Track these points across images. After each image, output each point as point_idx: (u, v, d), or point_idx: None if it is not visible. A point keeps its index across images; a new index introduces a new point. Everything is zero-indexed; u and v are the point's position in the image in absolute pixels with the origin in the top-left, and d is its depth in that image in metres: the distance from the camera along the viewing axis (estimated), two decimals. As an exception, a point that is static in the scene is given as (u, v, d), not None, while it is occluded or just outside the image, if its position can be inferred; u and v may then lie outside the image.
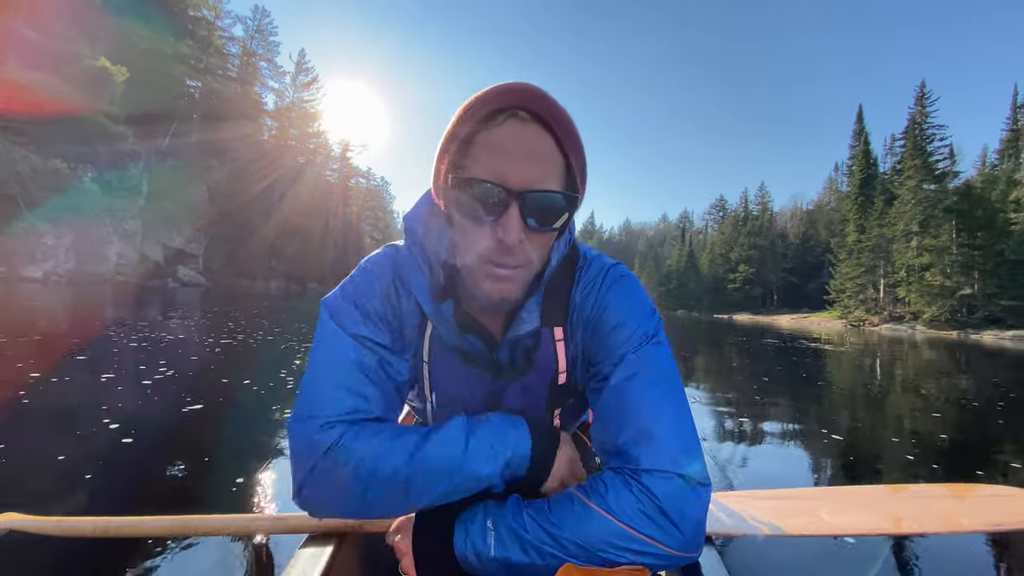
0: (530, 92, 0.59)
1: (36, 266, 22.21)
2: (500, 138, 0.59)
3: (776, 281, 66.16)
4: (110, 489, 2.05)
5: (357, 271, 0.75)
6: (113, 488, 2.06)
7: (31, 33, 19.54)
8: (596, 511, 0.59)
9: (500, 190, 0.59)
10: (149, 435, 2.67)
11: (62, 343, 5.59)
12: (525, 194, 0.59)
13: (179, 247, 37.33)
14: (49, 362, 4.36)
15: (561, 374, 0.76)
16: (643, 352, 0.68)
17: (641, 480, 0.60)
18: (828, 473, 2.78)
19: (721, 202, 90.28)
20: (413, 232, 0.71)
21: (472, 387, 0.75)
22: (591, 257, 0.78)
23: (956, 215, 35.51)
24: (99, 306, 11.79)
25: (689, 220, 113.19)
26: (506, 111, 0.60)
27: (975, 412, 4.79)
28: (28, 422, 2.79)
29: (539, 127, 0.60)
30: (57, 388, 3.56)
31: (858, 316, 41.81)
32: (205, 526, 0.97)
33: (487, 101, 0.59)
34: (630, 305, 0.72)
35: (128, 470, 2.26)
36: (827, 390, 6.08)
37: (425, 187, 0.73)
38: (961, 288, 34.09)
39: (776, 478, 2.59)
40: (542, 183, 0.60)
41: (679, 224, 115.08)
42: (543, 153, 0.60)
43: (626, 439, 0.63)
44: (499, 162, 0.59)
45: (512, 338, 0.70)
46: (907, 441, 3.58)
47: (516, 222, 0.59)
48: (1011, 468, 3.01)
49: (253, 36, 50.78)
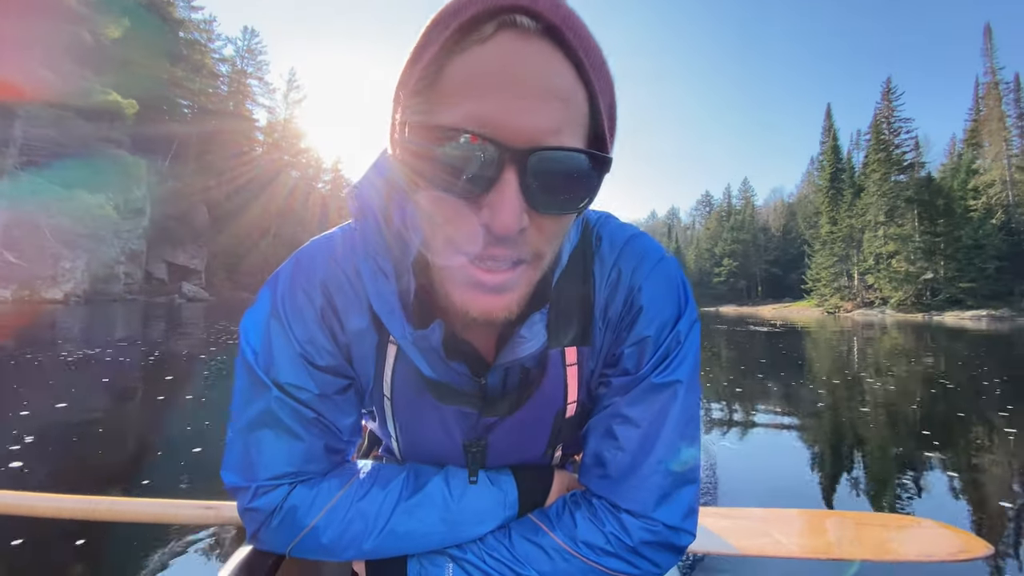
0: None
1: (57, 288, 23.57)
2: (487, 62, 0.37)
3: (759, 273, 68.66)
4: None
5: (282, 277, 0.56)
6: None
7: (48, 73, 21.15)
8: (564, 549, 0.53)
9: (489, 147, 0.36)
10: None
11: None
12: (529, 153, 0.37)
13: (182, 264, 38.82)
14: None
15: (570, 405, 0.59)
16: (665, 378, 0.55)
17: (620, 519, 0.54)
18: (782, 492, 2.63)
19: (707, 197, 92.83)
20: (368, 213, 0.50)
21: (450, 428, 0.58)
22: (603, 235, 0.58)
23: (918, 205, 37.91)
24: (152, 321, 13.40)
25: (677, 216, 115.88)
26: (496, 17, 0.36)
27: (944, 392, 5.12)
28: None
29: (550, 45, 0.37)
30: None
31: (834, 303, 44.18)
32: (132, 511, 0.93)
33: (462, 8, 0.37)
34: (660, 309, 0.55)
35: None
36: (797, 376, 6.17)
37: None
38: (924, 273, 36.51)
39: (733, 493, 2.50)
40: (558, 136, 0.38)
41: (666, 220, 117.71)
42: (559, 87, 0.37)
43: (615, 469, 0.55)
44: (487, 101, 0.36)
45: (505, 364, 0.52)
46: (877, 425, 3.75)
47: (514, 198, 0.38)
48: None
49: (243, 56, 52.40)
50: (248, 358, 0.55)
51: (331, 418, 0.56)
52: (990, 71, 41.54)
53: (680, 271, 0.59)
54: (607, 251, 0.57)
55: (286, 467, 0.54)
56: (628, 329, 0.56)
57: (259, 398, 0.54)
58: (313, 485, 0.55)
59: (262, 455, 0.54)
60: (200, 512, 0.94)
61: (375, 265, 0.50)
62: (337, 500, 0.55)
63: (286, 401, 0.53)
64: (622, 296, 0.56)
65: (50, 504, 0.93)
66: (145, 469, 2.49)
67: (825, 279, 46.41)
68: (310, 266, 0.55)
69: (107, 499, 0.94)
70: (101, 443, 2.84)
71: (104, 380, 4.68)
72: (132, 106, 23.07)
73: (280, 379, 0.53)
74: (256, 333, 0.55)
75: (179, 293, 36.46)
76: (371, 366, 0.57)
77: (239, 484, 0.55)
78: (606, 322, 0.57)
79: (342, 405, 0.57)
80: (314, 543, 0.54)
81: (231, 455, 0.56)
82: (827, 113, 52.33)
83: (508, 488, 0.59)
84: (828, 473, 2.85)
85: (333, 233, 0.58)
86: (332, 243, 0.56)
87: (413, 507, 0.55)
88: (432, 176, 0.39)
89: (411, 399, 0.57)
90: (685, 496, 0.55)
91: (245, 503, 0.55)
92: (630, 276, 0.56)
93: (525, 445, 0.61)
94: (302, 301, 0.54)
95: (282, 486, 0.54)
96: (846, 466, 2.96)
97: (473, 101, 0.37)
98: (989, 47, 41.57)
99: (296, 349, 0.54)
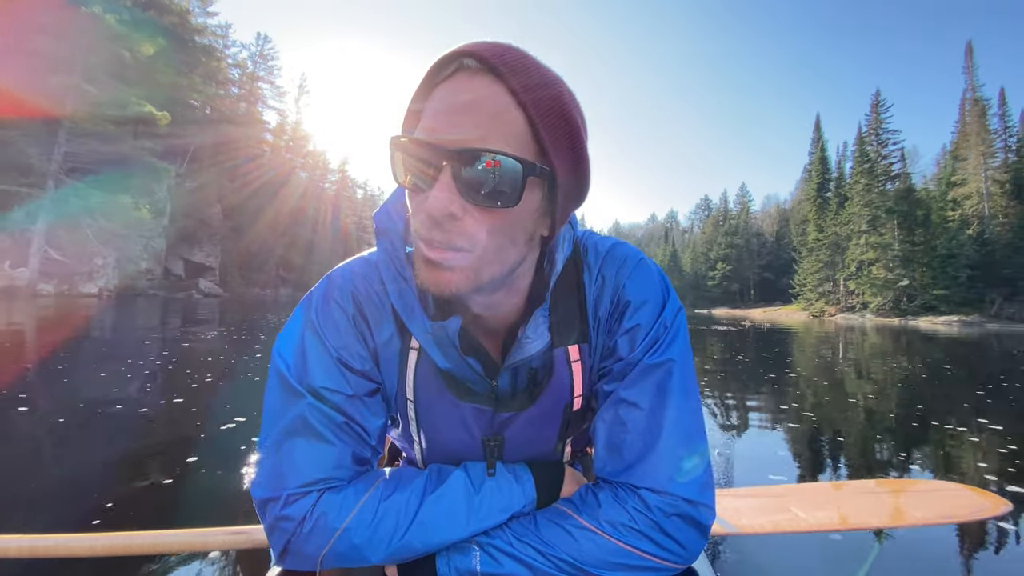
0: (485, 43, 0.49)
1: (92, 283, 25.70)
2: (443, 92, 0.49)
3: (752, 277, 70.68)
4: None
5: (316, 294, 0.63)
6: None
7: (90, 88, 23.25)
8: (589, 529, 0.56)
9: (431, 150, 0.47)
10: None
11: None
12: (456, 153, 0.47)
13: (199, 261, 40.93)
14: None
15: (577, 399, 0.65)
16: (657, 358, 0.60)
17: (640, 496, 0.57)
18: (794, 467, 2.74)
19: (706, 202, 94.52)
20: (389, 232, 0.60)
21: (469, 425, 0.64)
22: (588, 247, 0.67)
23: (897, 215, 39.85)
24: (196, 315, 15.36)
25: (675, 220, 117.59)
26: (453, 62, 0.49)
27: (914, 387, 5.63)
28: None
29: (490, 78, 0.47)
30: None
31: (819, 307, 46.24)
32: (162, 543, 0.92)
33: (433, 67, 0.50)
34: (646, 301, 0.62)
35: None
36: (784, 370, 6.71)
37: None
38: (901, 280, 38.46)
39: (747, 473, 2.56)
40: (483, 142, 0.47)
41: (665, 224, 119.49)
42: (489, 107, 0.47)
43: (628, 452, 0.59)
44: (436, 119, 0.48)
45: (514, 364, 0.59)
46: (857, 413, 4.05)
47: (446, 189, 0.47)
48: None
49: (256, 60, 54.47)
50: (281, 370, 0.59)
51: (361, 421, 0.60)
52: (971, 88, 43.45)
53: (659, 269, 0.66)
54: (593, 259, 0.65)
55: (316, 473, 0.57)
56: (618, 322, 0.63)
57: (292, 407, 0.58)
58: (340, 490, 0.58)
59: (293, 463, 0.57)
60: (229, 538, 0.92)
61: (395, 272, 0.59)
62: (365, 500, 0.57)
63: (318, 407, 0.58)
64: (609, 295, 0.64)
65: (80, 544, 0.92)
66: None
67: (811, 284, 48.56)
68: (341, 282, 0.63)
69: (136, 534, 0.92)
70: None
71: (209, 359, 6.08)
72: (165, 118, 25.11)
73: (315, 384, 0.58)
74: (290, 347, 0.60)
75: (196, 289, 38.53)
76: (395, 372, 0.63)
77: (270, 495, 0.57)
78: (598, 320, 0.64)
79: (372, 406, 0.62)
80: (346, 545, 0.55)
81: (262, 471, 0.58)
82: (816, 125, 54.51)
83: (525, 479, 0.62)
84: (842, 445, 2.99)
85: (359, 256, 0.66)
86: (359, 263, 0.65)
87: (438, 498, 0.58)
88: (405, 180, 0.51)
89: (432, 400, 0.63)
90: (697, 468, 0.58)
91: (276, 512, 0.56)
92: (614, 277, 0.64)
93: (538, 439, 0.67)
94: (335, 311, 0.61)
95: (311, 493, 0.57)
96: (851, 440, 3.17)
97: (430, 119, 0.49)
98: (970, 65, 43.43)
99: (332, 354, 0.59)
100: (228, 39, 47.97)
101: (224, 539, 0.93)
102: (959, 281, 35.80)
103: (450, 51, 0.49)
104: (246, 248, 46.21)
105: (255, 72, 53.94)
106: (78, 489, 2.22)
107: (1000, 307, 34.12)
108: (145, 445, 2.87)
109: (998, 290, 34.81)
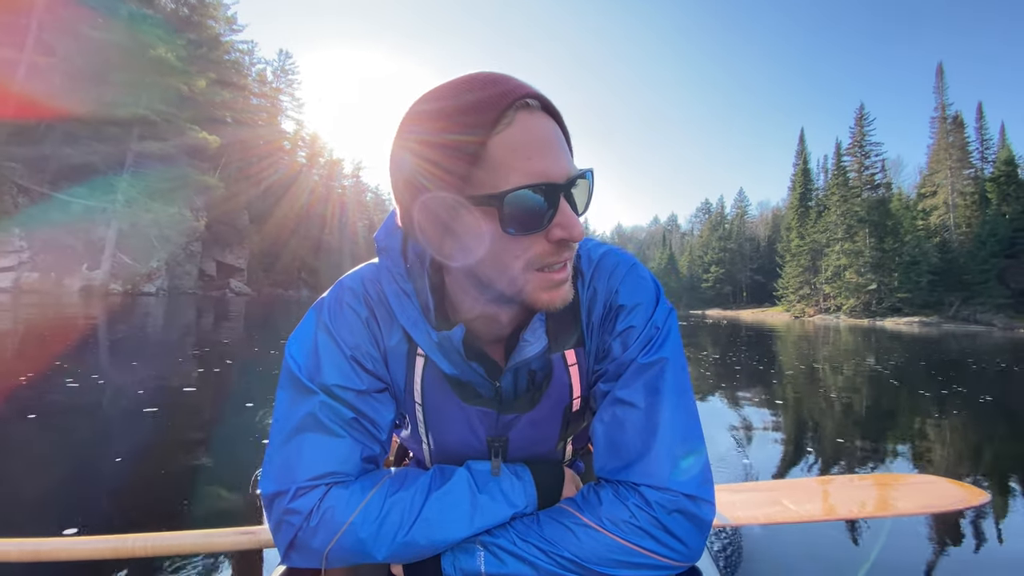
0: (518, 82, 0.53)
1: (151, 284, 29.76)
2: (523, 135, 0.51)
3: (744, 280, 73.94)
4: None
5: (327, 299, 0.66)
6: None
7: (156, 118, 27.38)
8: (591, 527, 0.57)
9: (549, 187, 0.51)
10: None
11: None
12: (571, 183, 0.52)
13: (229, 263, 45.03)
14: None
15: (576, 400, 0.68)
16: (650, 357, 0.62)
17: (640, 492, 0.58)
18: (777, 463, 2.81)
19: (706, 205, 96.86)
20: (390, 250, 0.63)
21: (475, 427, 0.67)
22: (581, 254, 0.69)
23: (869, 224, 43.35)
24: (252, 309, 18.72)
25: (676, 223, 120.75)
26: (512, 106, 0.51)
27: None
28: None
29: (544, 113, 0.53)
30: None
31: (800, 309, 49.84)
32: (161, 545, 0.90)
33: (491, 103, 0.50)
34: (638, 304, 0.65)
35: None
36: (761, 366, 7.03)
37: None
38: (870, 284, 41.97)
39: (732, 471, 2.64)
40: (573, 167, 0.54)
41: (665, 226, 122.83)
42: (561, 139, 0.54)
43: (627, 450, 0.60)
44: (535, 160, 0.51)
45: (515, 365, 0.63)
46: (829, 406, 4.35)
47: (572, 213, 0.53)
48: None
49: (278, 75, 58.57)
50: (293, 370, 0.62)
51: (372, 415, 0.62)
52: (940, 107, 46.88)
53: (650, 274, 0.69)
54: (586, 265, 0.68)
55: (325, 467, 0.59)
56: (611, 325, 0.65)
57: (303, 405, 0.60)
58: (348, 486, 0.59)
59: (303, 457, 0.58)
60: (237, 539, 0.91)
61: (398, 288, 0.62)
62: (372, 496, 0.58)
63: (329, 403, 0.60)
64: (602, 300, 0.66)
65: (85, 547, 0.89)
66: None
67: (792, 287, 52.20)
68: (352, 285, 0.66)
69: (141, 536, 0.90)
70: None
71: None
72: (216, 141, 29.22)
73: (327, 381, 0.60)
74: (302, 349, 0.63)
75: (228, 288, 42.59)
76: (403, 375, 0.67)
77: (279, 489, 0.58)
78: (591, 324, 0.67)
79: (382, 401, 0.65)
80: (352, 540, 0.56)
81: (271, 465, 0.60)
82: (800, 138, 57.93)
83: (526, 479, 0.64)
84: (816, 443, 3.11)
85: (368, 263, 0.69)
86: (369, 269, 0.68)
87: (443, 495, 0.59)
88: (511, 222, 0.51)
89: (439, 403, 0.67)
90: (695, 465, 0.59)
91: (284, 505, 0.57)
92: (607, 282, 0.67)
93: (540, 438, 0.70)
94: (348, 313, 0.64)
95: (320, 487, 0.58)
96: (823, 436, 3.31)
97: (527, 162, 0.50)
98: (940, 85, 46.85)
99: (345, 352, 0.62)
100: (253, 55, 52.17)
101: (229, 540, 0.92)
102: (920, 285, 39.26)
103: (511, 92, 0.51)
104: (270, 250, 50.31)
105: (277, 86, 58.07)
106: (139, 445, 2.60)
107: (957, 309, 37.54)
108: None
109: (957, 294, 38.20)
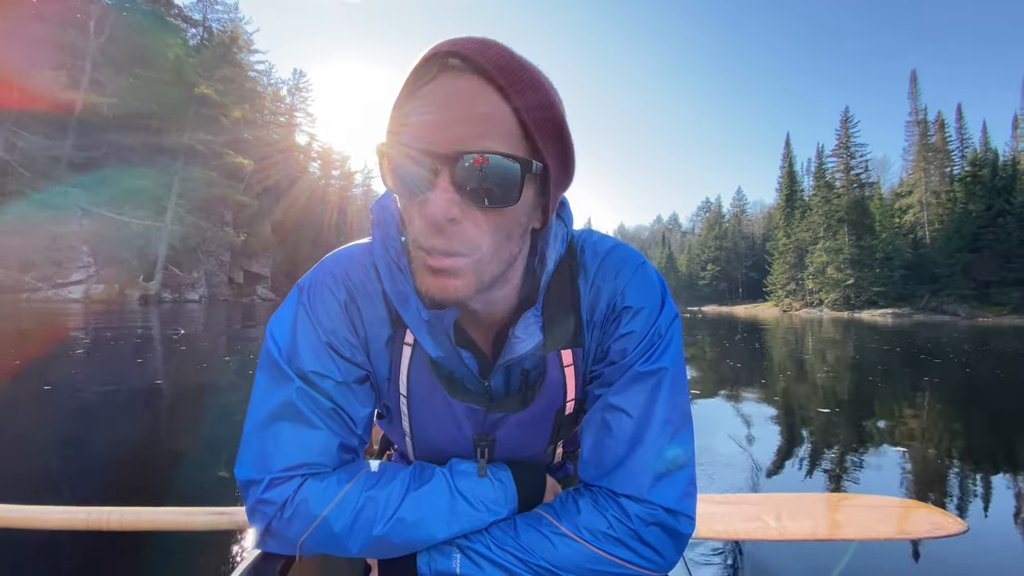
0: (466, 39, 0.48)
1: (195, 292, 33.71)
2: (428, 94, 0.47)
3: (740, 276, 77.06)
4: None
5: (308, 278, 0.63)
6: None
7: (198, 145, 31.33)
8: (567, 536, 0.56)
9: (425, 154, 0.46)
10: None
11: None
12: (454, 157, 0.46)
13: (255, 271, 48.96)
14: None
15: (569, 403, 0.66)
16: (650, 366, 0.60)
17: (619, 503, 0.57)
18: (764, 475, 2.74)
19: (706, 204, 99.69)
20: (385, 223, 0.59)
21: (461, 423, 0.64)
22: (585, 247, 0.66)
23: (847, 223, 46.40)
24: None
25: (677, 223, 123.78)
26: (436, 63, 0.47)
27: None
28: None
29: (476, 77, 0.47)
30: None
31: (787, 303, 53.03)
32: (144, 519, 0.90)
33: (420, 60, 0.48)
34: (643, 307, 0.62)
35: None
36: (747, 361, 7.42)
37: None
38: (848, 279, 45.06)
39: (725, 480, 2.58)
40: (482, 142, 0.46)
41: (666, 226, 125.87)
42: (479, 108, 0.47)
43: (611, 457, 0.58)
44: (425, 122, 0.47)
45: (506, 363, 0.60)
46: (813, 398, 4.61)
47: (445, 193, 0.47)
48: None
49: (293, 92, 62.50)
50: (272, 352, 0.60)
51: (349, 409, 0.60)
52: (914, 111, 49.79)
53: (658, 274, 0.65)
54: (590, 261, 0.64)
55: (301, 458, 0.57)
56: (613, 328, 0.62)
57: (280, 390, 0.58)
58: (324, 478, 0.57)
59: (279, 446, 0.56)
60: (213, 519, 0.90)
61: (391, 261, 0.58)
62: (348, 490, 0.57)
63: (307, 391, 0.58)
64: (606, 299, 0.62)
65: (59, 516, 0.89)
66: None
67: (780, 283, 55.32)
68: (333, 268, 0.63)
69: (117, 509, 0.89)
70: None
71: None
72: (251, 164, 33.20)
73: (304, 368, 0.58)
74: (282, 329, 0.61)
75: (256, 295, 46.48)
76: (386, 364, 0.63)
77: (253, 477, 0.56)
78: (592, 324, 0.63)
79: (360, 395, 0.62)
80: (326, 533, 0.55)
81: (246, 450, 0.58)
82: (786, 141, 60.92)
83: (507, 482, 0.62)
84: (802, 458, 3.03)
85: (354, 244, 0.66)
86: (352, 250, 0.65)
87: (422, 496, 0.58)
88: (398, 184, 0.50)
89: (425, 396, 0.64)
90: (679, 479, 0.58)
91: (258, 495, 0.56)
92: (612, 281, 0.63)
93: (529, 440, 0.67)
94: (327, 295, 0.61)
95: (295, 478, 0.56)
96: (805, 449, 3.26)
97: (418, 123, 0.47)
98: (914, 91, 49.73)
99: (322, 338, 0.59)
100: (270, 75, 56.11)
101: (207, 519, 0.91)
102: (893, 279, 42.31)
103: (431, 51, 0.48)
104: (290, 258, 54.15)
105: (292, 103, 61.98)
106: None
107: (927, 301, 40.52)
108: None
109: (927, 287, 41.19)
